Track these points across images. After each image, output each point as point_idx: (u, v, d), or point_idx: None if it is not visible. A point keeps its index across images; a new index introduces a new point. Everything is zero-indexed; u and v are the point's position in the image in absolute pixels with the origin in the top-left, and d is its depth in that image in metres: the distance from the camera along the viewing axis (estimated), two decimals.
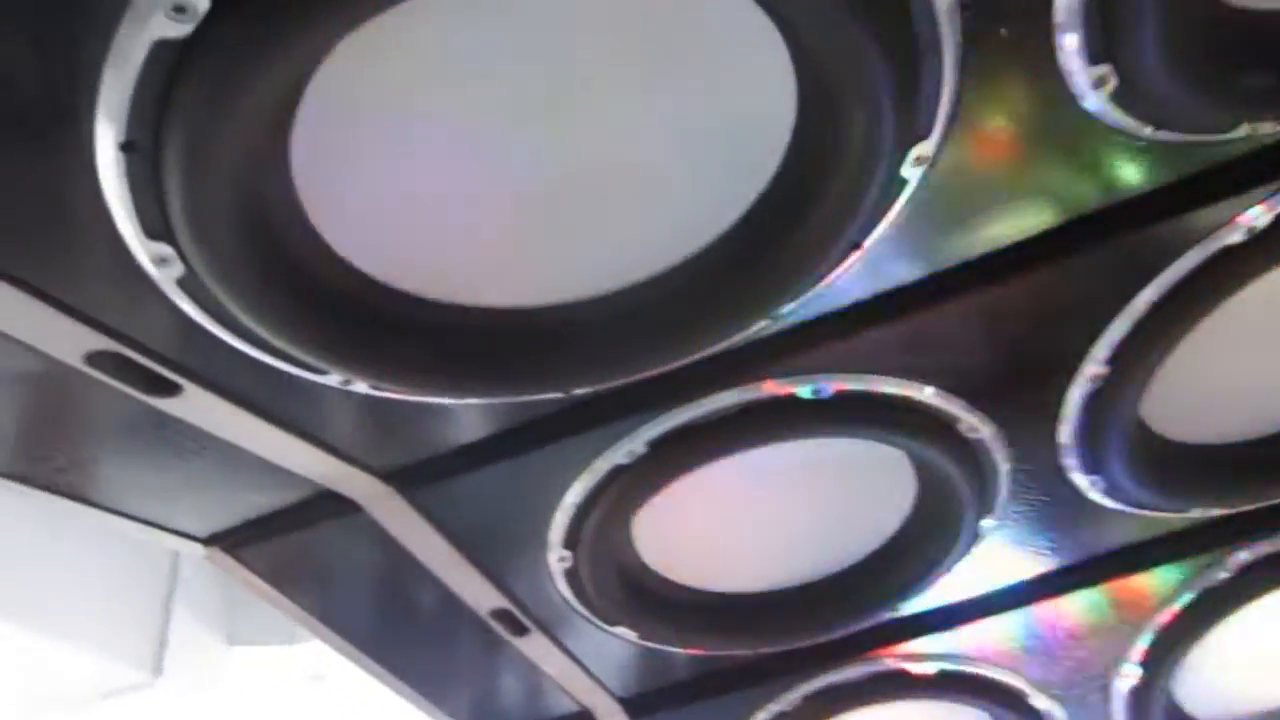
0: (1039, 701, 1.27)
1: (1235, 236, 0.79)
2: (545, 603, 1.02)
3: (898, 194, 0.69)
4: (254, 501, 0.89)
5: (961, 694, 1.24)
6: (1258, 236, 0.79)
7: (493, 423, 0.85)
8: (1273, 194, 0.77)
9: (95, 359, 0.66)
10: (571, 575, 1.00)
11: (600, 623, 1.04)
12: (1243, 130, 0.71)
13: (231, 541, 0.92)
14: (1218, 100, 0.67)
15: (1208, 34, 0.63)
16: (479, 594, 1.01)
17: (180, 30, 0.45)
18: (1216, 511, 1.07)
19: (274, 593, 0.97)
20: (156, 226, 0.57)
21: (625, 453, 0.89)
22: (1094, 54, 0.62)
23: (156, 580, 2.01)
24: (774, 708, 1.20)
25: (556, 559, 0.98)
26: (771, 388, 0.88)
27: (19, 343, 0.63)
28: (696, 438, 0.89)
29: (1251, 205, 0.78)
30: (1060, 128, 0.68)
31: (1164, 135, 0.69)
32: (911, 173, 0.67)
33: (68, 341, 0.64)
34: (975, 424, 0.93)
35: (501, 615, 1.03)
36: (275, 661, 2.27)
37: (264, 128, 0.52)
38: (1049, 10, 0.59)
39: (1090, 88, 0.64)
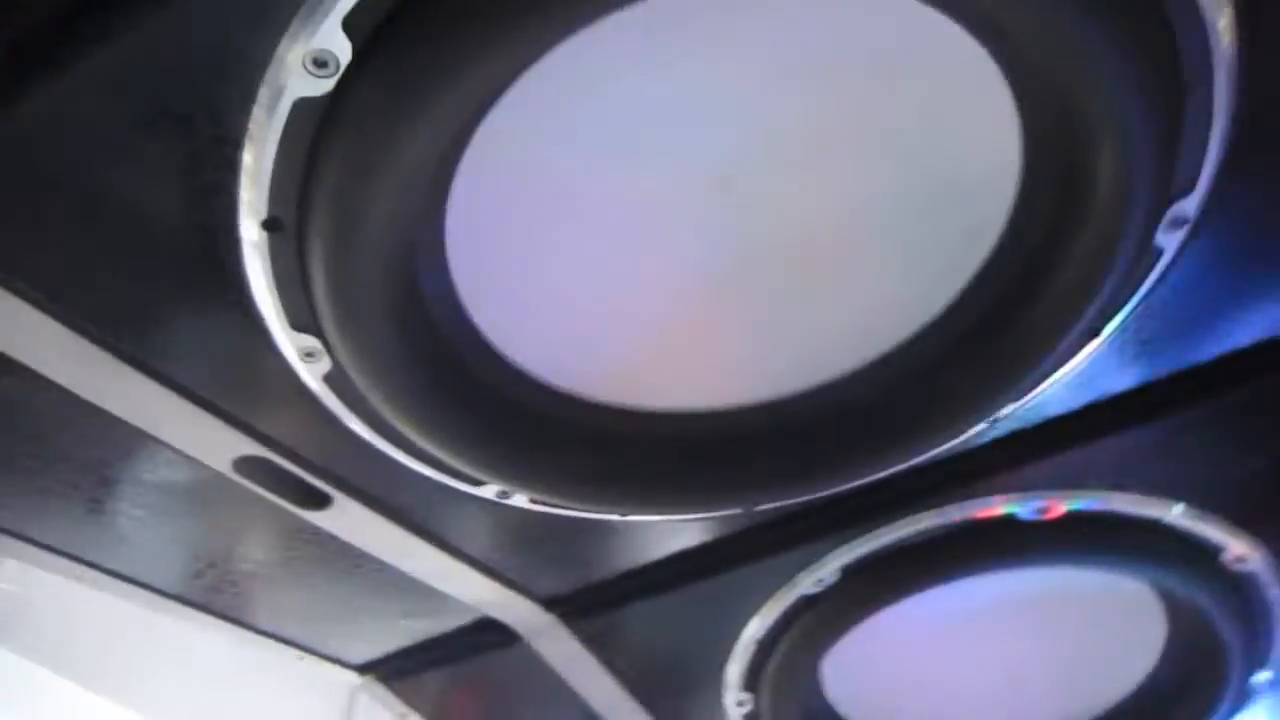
0: None
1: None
2: None
3: (1150, 267, 0.57)
4: (408, 628, 0.82)
5: None
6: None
7: (665, 545, 0.76)
8: None
9: (243, 465, 0.62)
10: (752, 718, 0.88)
11: None
12: None
13: (386, 671, 0.85)
14: None
15: None
16: None
17: (321, 87, 0.41)
18: None
19: None
20: (303, 317, 0.52)
21: (814, 580, 0.78)
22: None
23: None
24: None
25: (734, 702, 0.87)
26: (985, 508, 0.75)
27: (167, 447, 0.60)
28: (898, 565, 0.77)
29: None
30: None
31: None
32: (1168, 240, 0.55)
33: (215, 447, 0.61)
34: (1242, 551, 0.77)
35: None
36: None
37: (416, 199, 0.47)
38: None
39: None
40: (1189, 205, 0.53)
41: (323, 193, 0.44)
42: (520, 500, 0.67)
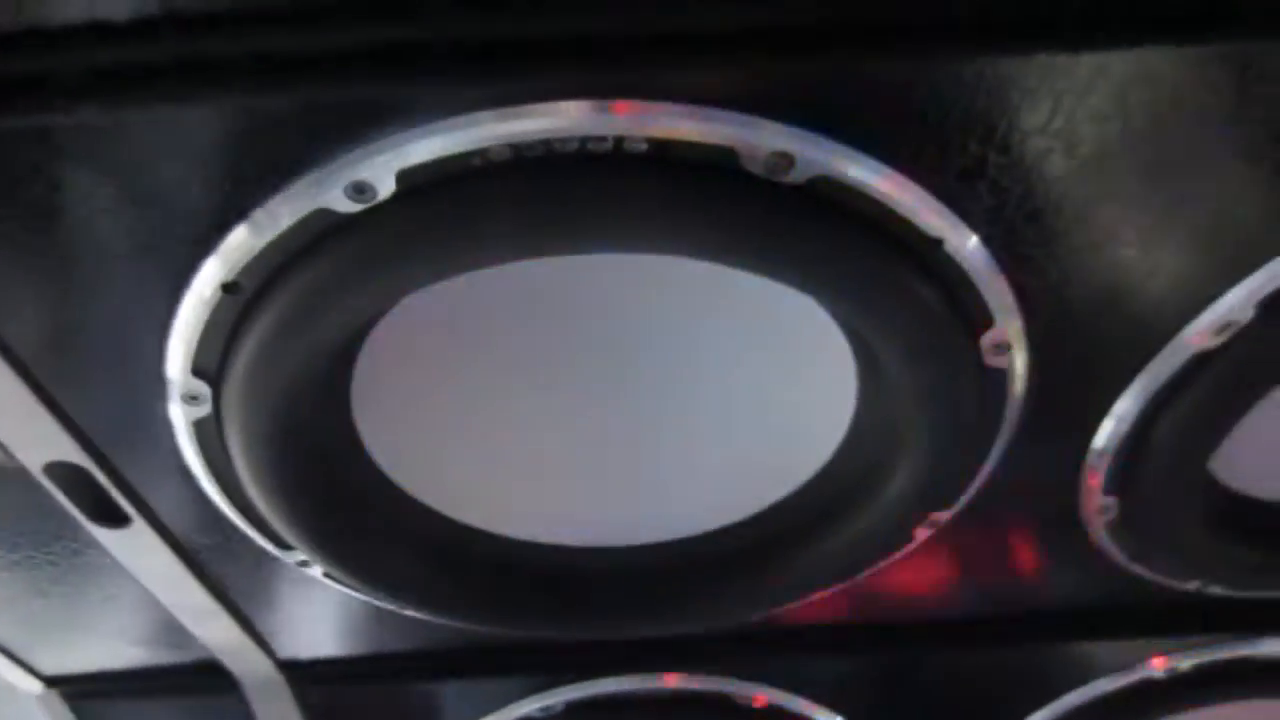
0: None
1: (1157, 673, 0.85)
2: None
3: (900, 546, 0.71)
4: (124, 653, 0.78)
5: None
6: (1176, 679, 0.85)
7: (418, 639, 0.79)
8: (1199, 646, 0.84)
9: (56, 469, 0.59)
10: None
11: None
12: (1192, 585, 0.77)
13: (77, 689, 0.80)
14: (1185, 557, 0.73)
15: (1205, 498, 0.70)
16: None
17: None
18: None
19: None
20: (208, 366, 0.53)
21: (541, 708, 0.84)
22: (1108, 485, 0.67)
23: None
24: None
25: None
26: (679, 681, 0.86)
27: None
28: (614, 712, 0.85)
29: (1182, 649, 0.84)
30: (1052, 536, 0.73)
31: (1136, 569, 0.74)
32: (919, 534, 0.70)
33: (36, 443, 0.58)
34: None
35: None
36: None
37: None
38: (1087, 443, 0.64)
39: (1094, 512, 0.69)
40: (942, 517, 0.68)
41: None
42: (315, 572, 0.69)
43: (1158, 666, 0.86)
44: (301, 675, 0.80)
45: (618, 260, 0.53)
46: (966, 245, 0.52)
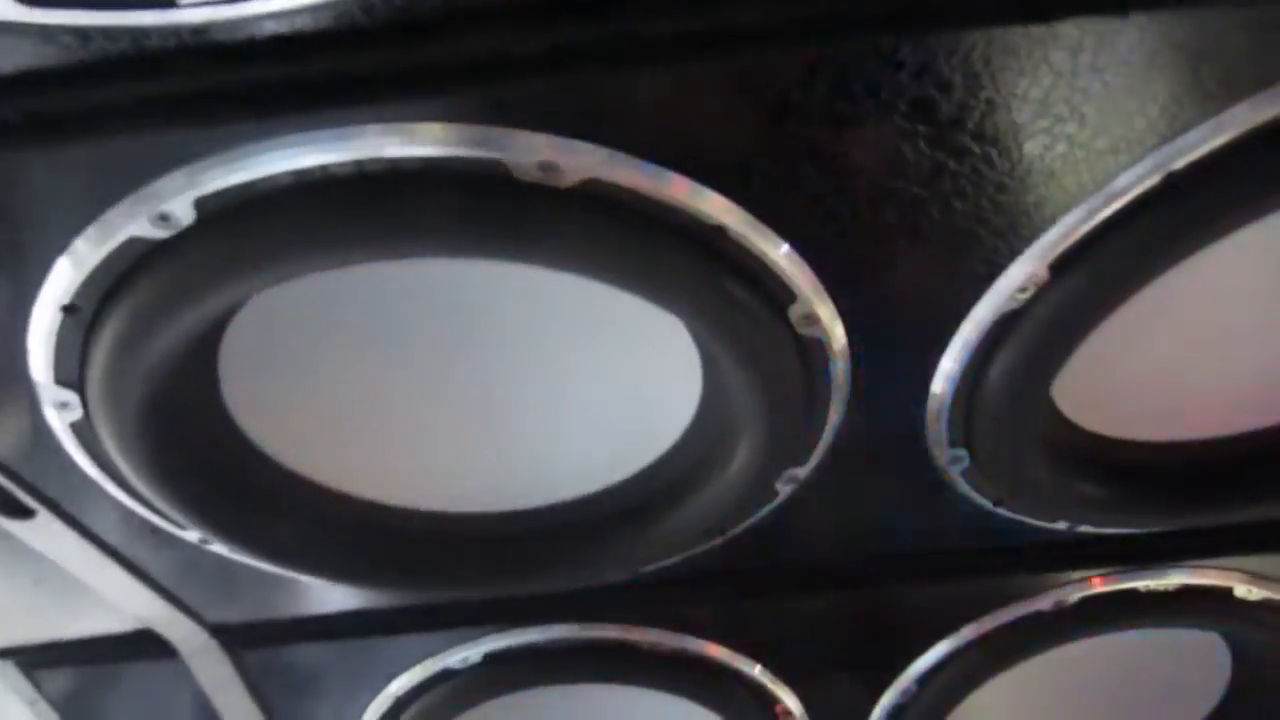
0: None
1: (1044, 605, 0.89)
2: None
3: (766, 503, 0.75)
4: (70, 626, 0.85)
5: None
6: (1063, 611, 0.89)
7: (339, 603, 0.85)
8: (1080, 579, 0.88)
9: None
10: None
11: None
12: (1061, 524, 0.81)
13: (30, 658, 0.87)
14: (1043, 496, 0.77)
15: (1050, 441, 0.73)
16: None
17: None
18: None
19: (53, 716, 0.91)
20: (70, 376, 0.58)
21: (460, 659, 0.91)
22: (953, 438, 0.71)
23: None
24: None
25: None
26: (600, 631, 0.91)
27: None
28: (532, 660, 0.91)
29: (1066, 584, 0.88)
30: (917, 486, 0.77)
31: (1001, 511, 0.78)
32: (782, 489, 0.74)
33: None
34: (790, 707, 0.98)
35: None
36: None
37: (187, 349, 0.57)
38: (923, 399, 0.68)
39: (947, 463, 0.73)
40: (801, 472, 0.72)
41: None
42: (218, 548, 0.75)
43: (1046, 601, 0.90)
44: (233, 638, 0.87)
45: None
46: (750, 229, 0.55)
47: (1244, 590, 0.90)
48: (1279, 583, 0.90)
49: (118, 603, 0.80)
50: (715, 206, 0.53)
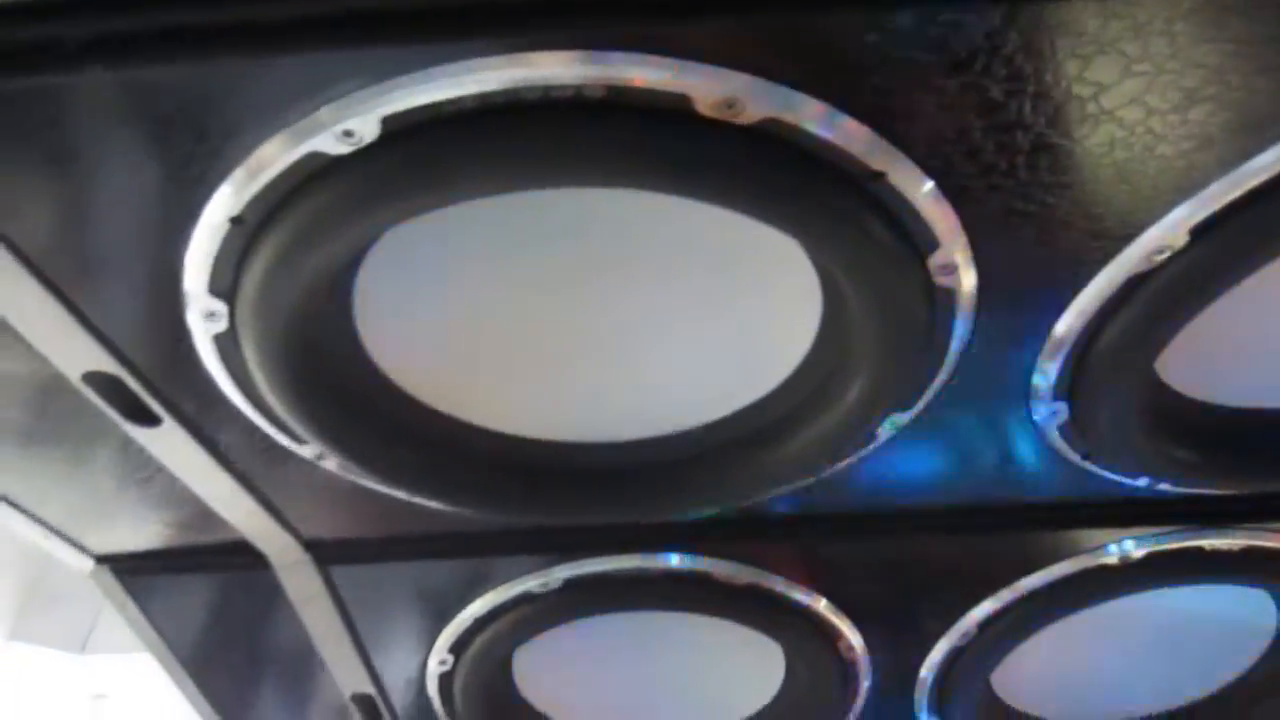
0: None
1: (1110, 559, 0.92)
2: (409, 699, 1.03)
3: (863, 445, 0.77)
4: (167, 534, 0.87)
5: None
6: (1129, 565, 0.91)
7: (431, 523, 0.87)
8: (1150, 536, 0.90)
9: (93, 379, 0.66)
10: (445, 679, 1.01)
11: None
12: (1142, 481, 0.83)
13: (126, 566, 0.89)
14: (1135, 454, 0.79)
15: (1148, 403, 0.75)
16: (349, 676, 1.00)
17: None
18: None
19: (145, 623, 0.94)
20: (223, 287, 0.59)
21: (540, 583, 0.93)
22: (1057, 392, 0.72)
23: None
24: None
25: (437, 661, 0.99)
26: (666, 562, 0.93)
27: (23, 342, 0.63)
28: (609, 587, 0.94)
29: (1133, 538, 0.91)
30: (1010, 437, 0.79)
31: (1089, 466, 0.80)
32: (882, 433, 0.76)
33: (73, 355, 0.64)
34: (850, 641, 1.01)
35: (362, 700, 1.03)
36: (56, 668, 2.11)
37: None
38: (1036, 354, 0.69)
39: (1046, 416, 0.74)
40: (905, 417, 0.73)
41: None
42: (330, 464, 0.76)
43: (1112, 555, 0.93)
44: (325, 554, 0.89)
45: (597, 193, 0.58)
46: (909, 177, 0.56)
47: None
48: None
49: (222, 513, 0.82)
50: (881, 152, 0.54)
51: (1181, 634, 1.07)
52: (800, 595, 0.95)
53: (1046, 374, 0.72)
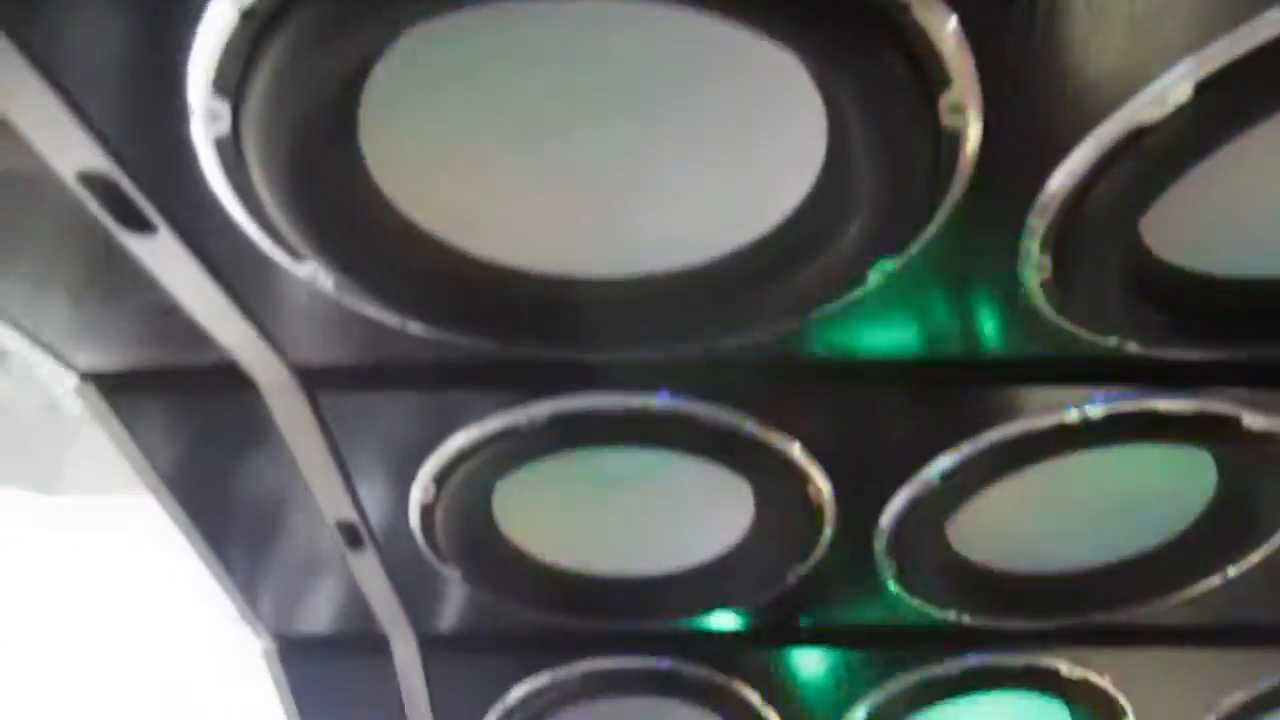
0: None
1: (1070, 417, 0.96)
2: (391, 527, 1.06)
3: (851, 289, 0.79)
4: (155, 354, 0.87)
5: None
6: (1088, 423, 0.96)
7: (421, 353, 0.88)
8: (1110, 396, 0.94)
9: (88, 179, 0.65)
10: (426, 510, 1.04)
11: (435, 560, 1.09)
12: (1112, 340, 0.86)
13: (112, 384, 0.89)
14: (1110, 312, 0.82)
15: (1129, 263, 0.77)
16: (333, 502, 1.03)
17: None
18: None
19: (130, 443, 0.95)
20: (227, 86, 0.58)
21: (527, 418, 0.95)
22: (1044, 245, 0.74)
23: None
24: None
25: (420, 490, 1.02)
26: (658, 402, 0.96)
27: (21, 138, 0.61)
28: (595, 425, 0.96)
29: (1096, 400, 0.95)
30: (991, 287, 0.82)
31: (1062, 322, 0.83)
32: (872, 277, 0.77)
33: (71, 152, 0.63)
34: (819, 486, 1.05)
35: (345, 527, 1.06)
36: (23, 509, 2.13)
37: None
38: (1030, 203, 0.71)
39: (1031, 268, 0.77)
40: (895, 263, 0.75)
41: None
42: (326, 284, 0.76)
43: (1073, 413, 0.97)
44: (313, 380, 0.90)
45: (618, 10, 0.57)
46: (935, 14, 0.56)
47: (1250, 419, 0.98)
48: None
49: (212, 332, 0.82)
50: None
51: (1127, 493, 1.14)
52: (775, 439, 0.99)
53: (1037, 226, 0.74)
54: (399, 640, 1.21)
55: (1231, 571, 1.15)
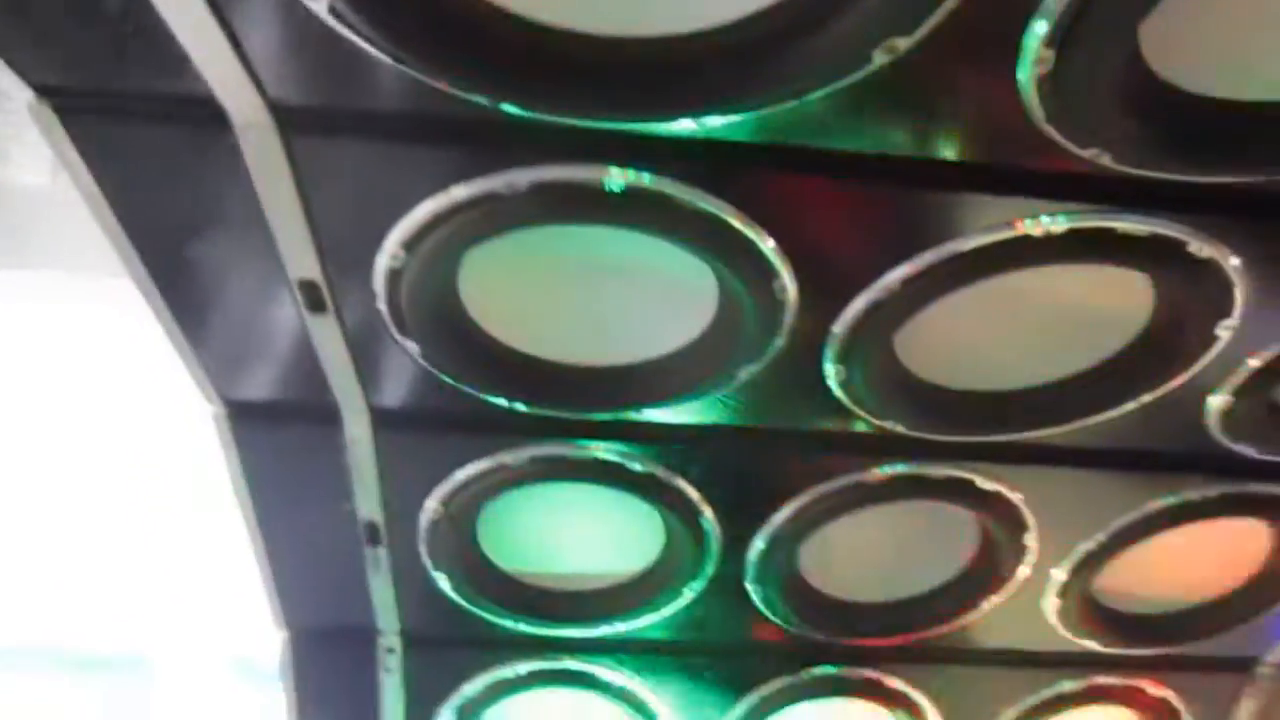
0: None
1: (1033, 229, 1.00)
2: (353, 291, 1.04)
3: (856, 69, 0.79)
4: (125, 73, 0.82)
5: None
6: (1050, 237, 1.00)
7: (409, 102, 0.85)
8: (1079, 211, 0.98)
9: None
10: (393, 276, 1.02)
11: (396, 331, 1.08)
12: (1090, 152, 0.89)
13: (71, 103, 0.84)
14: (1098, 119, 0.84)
15: (1124, 73, 0.79)
16: (297, 258, 1.00)
17: None
18: None
19: (83, 169, 0.89)
20: None
21: (506, 184, 0.94)
22: (1049, 40, 0.75)
23: None
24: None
25: (388, 256, 1.00)
26: (619, 175, 0.95)
27: None
28: (575, 197, 0.96)
29: (1058, 214, 0.98)
30: (989, 87, 0.83)
31: (1048, 129, 0.85)
32: (878, 57, 0.78)
33: None
34: (785, 283, 1.07)
35: (307, 287, 1.04)
36: None
37: None
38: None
39: (1031, 62, 0.78)
40: (902, 43, 0.75)
41: None
42: (319, 6, 0.72)
43: (1035, 226, 1.01)
44: (290, 119, 0.86)
45: None
46: None
47: (1196, 246, 1.03)
48: (1224, 245, 1.03)
49: (189, 48, 0.77)
50: None
51: (1064, 319, 1.20)
52: (749, 230, 1.00)
53: (1043, 22, 0.75)
54: (351, 411, 1.22)
55: (1146, 398, 1.23)
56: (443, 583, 1.42)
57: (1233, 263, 1.04)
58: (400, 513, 1.34)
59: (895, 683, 1.73)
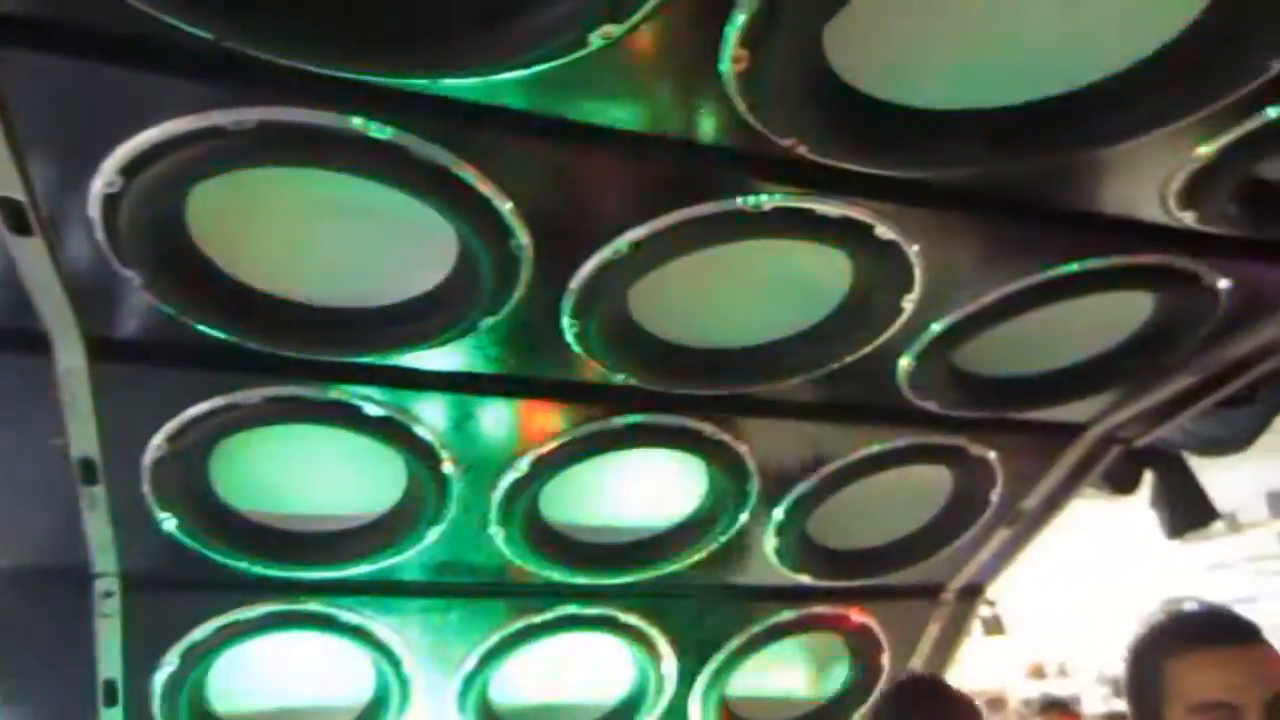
0: None
1: (745, 205, 1.09)
2: (66, 214, 0.99)
3: (576, 51, 0.85)
4: None
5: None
6: (761, 213, 1.10)
7: (132, 24, 0.81)
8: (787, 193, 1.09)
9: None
10: (109, 201, 0.98)
11: (114, 259, 1.03)
12: (789, 141, 0.99)
13: None
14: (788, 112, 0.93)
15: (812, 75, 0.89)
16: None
17: None
18: None
19: None
20: None
21: (233, 120, 0.92)
22: (743, 40, 0.83)
23: None
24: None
25: (103, 182, 0.96)
26: (375, 130, 0.96)
27: None
28: (305, 139, 0.95)
29: (767, 193, 1.08)
30: (700, 81, 0.91)
31: (750, 119, 0.93)
32: (594, 40, 0.84)
33: None
34: (522, 242, 1.11)
35: (8, 205, 0.97)
36: None
37: None
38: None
39: (730, 57, 0.86)
40: (614, 30, 0.81)
41: None
42: None
43: (747, 202, 1.10)
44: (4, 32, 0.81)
45: None
46: None
47: (882, 229, 1.16)
48: (905, 229, 1.17)
49: None
50: None
51: (780, 286, 1.32)
52: (489, 190, 1.03)
53: (739, 20, 0.83)
54: (63, 341, 1.15)
55: (848, 359, 1.38)
56: (168, 524, 1.38)
57: (913, 246, 1.18)
58: (122, 450, 1.29)
59: (631, 618, 1.85)
